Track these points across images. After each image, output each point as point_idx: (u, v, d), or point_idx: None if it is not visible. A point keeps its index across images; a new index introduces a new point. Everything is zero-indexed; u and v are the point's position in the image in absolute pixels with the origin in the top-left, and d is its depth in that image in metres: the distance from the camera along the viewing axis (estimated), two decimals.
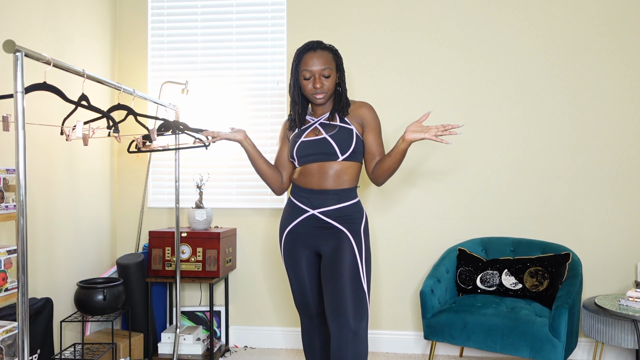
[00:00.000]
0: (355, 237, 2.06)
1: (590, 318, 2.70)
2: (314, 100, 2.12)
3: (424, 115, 1.94)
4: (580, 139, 3.10)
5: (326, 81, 2.08)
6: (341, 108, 2.14)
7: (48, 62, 1.89)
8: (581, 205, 3.10)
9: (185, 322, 3.34)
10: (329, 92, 2.10)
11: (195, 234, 3.06)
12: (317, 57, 2.07)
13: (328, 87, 2.09)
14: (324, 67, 2.07)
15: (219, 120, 3.33)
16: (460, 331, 2.60)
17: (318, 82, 2.07)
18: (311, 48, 2.10)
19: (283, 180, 2.25)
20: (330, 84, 2.09)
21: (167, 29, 3.41)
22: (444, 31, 3.19)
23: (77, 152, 2.96)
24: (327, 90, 2.09)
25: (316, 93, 2.08)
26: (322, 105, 2.15)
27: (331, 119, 2.13)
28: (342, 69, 2.16)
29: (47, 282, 2.69)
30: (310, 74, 2.07)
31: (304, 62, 2.09)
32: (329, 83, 2.08)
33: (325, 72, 2.07)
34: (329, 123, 2.13)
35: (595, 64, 3.07)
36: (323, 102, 2.12)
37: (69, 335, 2.90)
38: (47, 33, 2.69)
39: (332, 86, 2.11)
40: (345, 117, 2.14)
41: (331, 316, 2.01)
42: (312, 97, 2.11)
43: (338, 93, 2.15)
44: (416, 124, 1.95)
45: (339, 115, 2.13)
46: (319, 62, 2.07)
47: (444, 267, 2.96)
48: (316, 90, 2.08)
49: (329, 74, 2.08)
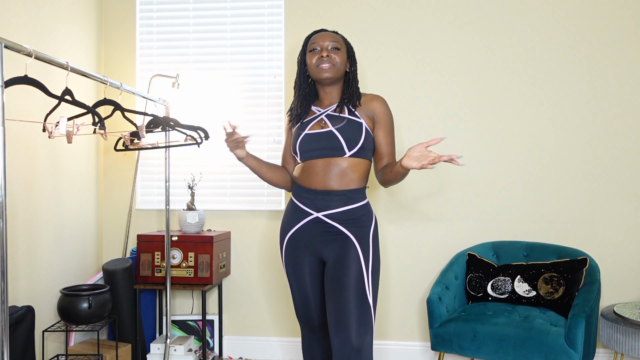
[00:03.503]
0: (362, 244, 2.02)
1: (608, 327, 2.70)
2: (320, 73, 2.06)
3: (433, 140, 1.86)
4: (597, 137, 3.10)
5: (335, 54, 2.06)
6: (350, 97, 2.09)
7: (29, 54, 1.89)
8: (599, 207, 3.10)
9: (176, 332, 3.34)
10: (337, 66, 2.07)
11: (186, 238, 3.06)
12: (327, 34, 2.11)
13: (336, 59, 2.06)
14: (333, 41, 2.08)
15: (212, 116, 3.33)
16: (470, 341, 2.60)
17: (325, 51, 2.06)
18: (321, 30, 2.16)
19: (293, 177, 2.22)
20: (339, 58, 2.07)
21: (157, 19, 3.41)
22: (457, 20, 3.19)
23: (60, 150, 2.96)
24: (335, 63, 2.06)
25: (322, 63, 2.05)
26: (329, 83, 2.10)
27: (340, 111, 2.08)
28: (354, 59, 2.15)
29: (28, 289, 2.68)
30: (319, 46, 2.08)
31: (312, 39, 2.12)
32: (337, 56, 2.07)
33: (334, 45, 2.08)
34: (336, 115, 2.08)
35: (615, 64, 3.07)
36: (330, 76, 2.06)
37: (52, 345, 2.90)
38: (28, 23, 2.69)
39: (341, 63, 2.08)
40: (355, 110, 2.09)
41: (333, 331, 1.98)
42: (318, 70, 2.06)
43: (348, 80, 2.12)
44: (419, 147, 1.88)
45: (347, 106, 2.09)
46: (329, 38, 2.09)
47: (453, 273, 2.96)
48: (323, 60, 2.05)
49: (339, 47, 2.08)
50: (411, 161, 1.88)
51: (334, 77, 2.08)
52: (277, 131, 3.31)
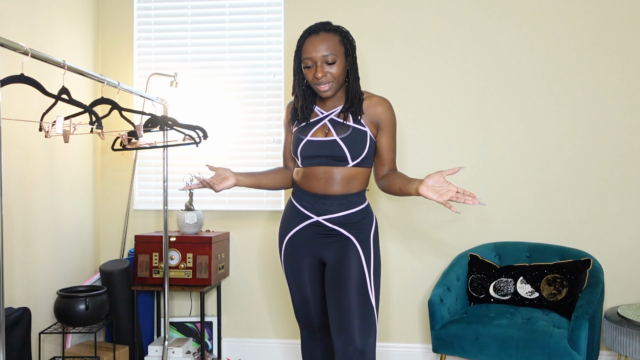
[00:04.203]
0: (363, 246, 2.01)
1: (612, 329, 2.70)
2: (319, 93, 2.00)
3: (451, 170, 1.78)
4: (601, 136, 3.09)
5: (330, 68, 1.93)
6: (352, 104, 2.00)
7: (26, 53, 1.89)
8: (602, 207, 3.09)
9: (174, 334, 3.34)
10: (336, 81, 1.96)
11: (185, 239, 3.06)
12: (320, 41, 1.93)
13: (333, 75, 1.94)
14: (326, 54, 1.92)
15: (211, 116, 3.32)
16: (472, 344, 2.60)
17: (320, 71, 1.93)
18: (313, 31, 1.96)
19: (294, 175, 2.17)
20: (337, 71, 1.94)
21: (155, 17, 3.41)
22: (464, 14, 3.19)
23: (57, 150, 2.96)
24: (332, 80, 1.95)
25: (319, 84, 1.95)
26: (331, 97, 2.04)
27: (344, 118, 2.01)
28: (354, 55, 2.01)
29: (25, 290, 2.68)
30: (311, 62, 1.94)
31: (304, 49, 1.96)
32: (334, 71, 1.94)
33: (328, 59, 1.92)
34: (341, 122, 2.01)
35: (620, 62, 3.07)
36: (330, 94, 1.99)
37: (49, 348, 2.90)
38: (24, 21, 2.68)
39: (340, 74, 1.96)
40: (360, 116, 2.01)
41: (336, 333, 1.97)
42: (317, 89, 1.98)
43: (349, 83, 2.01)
44: (437, 177, 1.81)
45: (352, 114, 2.01)
46: (321, 47, 1.92)
47: (454, 275, 2.96)
48: (318, 81, 1.94)
49: (334, 60, 1.93)
50: (431, 193, 1.82)
51: (334, 93, 2.01)
52: (277, 130, 3.31)
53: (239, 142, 3.35)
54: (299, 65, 2.01)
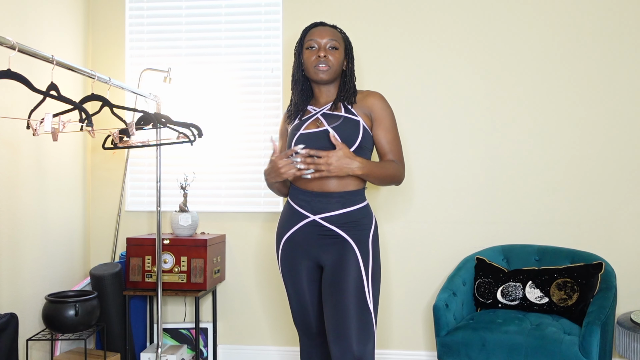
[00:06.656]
0: (361, 248, 2.04)
1: (625, 336, 2.70)
2: (317, 74, 2.11)
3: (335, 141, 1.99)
4: (613, 135, 3.10)
5: (332, 54, 2.11)
6: (346, 94, 2.13)
7: (13, 47, 1.89)
8: (615, 209, 3.10)
9: (168, 341, 3.34)
10: (334, 67, 2.11)
11: (179, 241, 3.06)
12: (326, 30, 2.14)
13: (333, 61, 2.11)
14: (331, 39, 2.12)
15: (206, 113, 3.33)
16: (479, 351, 2.60)
17: (323, 51, 2.10)
18: (320, 24, 2.18)
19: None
20: (337, 59, 2.12)
21: (147, 9, 3.41)
22: (465, 12, 3.19)
23: (45, 149, 2.96)
24: (332, 65, 2.11)
25: (319, 63, 2.09)
26: (325, 83, 2.15)
27: (335, 109, 2.12)
28: (352, 55, 2.19)
29: (12, 295, 2.68)
30: (316, 44, 2.12)
31: (310, 34, 2.15)
32: (334, 57, 2.11)
33: (332, 44, 2.12)
34: (332, 113, 2.12)
35: (630, 61, 3.07)
36: (325, 78, 2.11)
37: (37, 355, 2.90)
38: (11, 14, 2.69)
39: (338, 64, 2.13)
40: (352, 107, 2.12)
41: (332, 339, 1.99)
42: (315, 71, 2.11)
43: (344, 78, 2.16)
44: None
45: (343, 104, 2.12)
46: (327, 35, 2.12)
47: (460, 279, 2.96)
48: (319, 60, 2.09)
49: (337, 47, 2.13)
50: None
51: (330, 78, 2.14)
52: (275, 128, 3.31)
53: (235, 140, 3.35)
54: (300, 51, 2.17)
